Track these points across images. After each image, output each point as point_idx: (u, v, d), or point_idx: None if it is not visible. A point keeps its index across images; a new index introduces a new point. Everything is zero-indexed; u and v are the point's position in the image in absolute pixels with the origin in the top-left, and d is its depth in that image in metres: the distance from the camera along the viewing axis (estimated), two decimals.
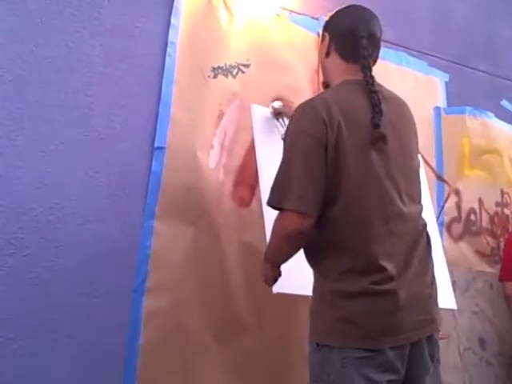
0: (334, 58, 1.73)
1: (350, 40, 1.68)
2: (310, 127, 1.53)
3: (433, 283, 1.65)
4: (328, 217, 1.54)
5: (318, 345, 1.55)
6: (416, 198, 1.68)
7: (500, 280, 2.89)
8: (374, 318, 1.49)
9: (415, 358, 1.55)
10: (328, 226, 1.55)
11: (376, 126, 1.55)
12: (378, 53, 1.74)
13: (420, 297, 1.58)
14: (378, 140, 1.56)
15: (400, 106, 1.74)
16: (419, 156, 1.78)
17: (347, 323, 1.49)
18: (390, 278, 1.50)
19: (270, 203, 1.56)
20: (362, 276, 1.50)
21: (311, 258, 1.65)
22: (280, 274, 1.73)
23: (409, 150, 1.68)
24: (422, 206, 1.70)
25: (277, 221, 1.57)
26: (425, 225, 1.69)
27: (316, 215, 1.51)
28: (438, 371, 1.64)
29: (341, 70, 1.71)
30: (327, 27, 1.79)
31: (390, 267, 1.51)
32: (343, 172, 1.51)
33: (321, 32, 1.87)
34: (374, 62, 1.72)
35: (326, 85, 1.81)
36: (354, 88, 1.63)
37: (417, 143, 1.77)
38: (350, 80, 1.66)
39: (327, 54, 1.75)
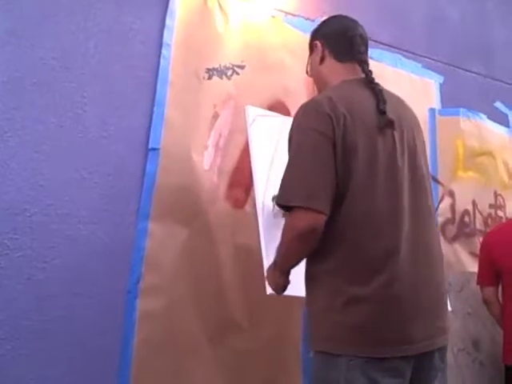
0: (330, 62, 1.75)
1: (344, 40, 1.72)
2: (315, 124, 1.50)
3: (445, 286, 1.63)
4: (337, 213, 1.49)
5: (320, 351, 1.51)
6: (424, 192, 1.64)
7: (478, 284, 2.89)
8: (385, 325, 1.45)
9: (424, 361, 1.51)
10: (336, 223, 1.49)
11: (382, 112, 1.55)
12: (367, 55, 1.76)
13: (433, 303, 1.55)
14: (386, 126, 1.55)
15: (402, 104, 1.75)
16: None
17: (354, 331, 1.45)
18: (400, 280, 1.47)
19: (279, 202, 1.52)
20: (370, 278, 1.46)
21: (316, 257, 1.57)
22: (289, 282, 1.67)
23: (413, 144, 1.65)
24: (431, 200, 1.68)
25: (287, 222, 1.53)
26: (434, 221, 1.67)
27: (328, 212, 1.46)
28: (445, 375, 1.61)
29: (338, 72, 1.71)
30: (317, 35, 1.81)
31: (399, 267, 1.48)
32: (353, 166, 1.49)
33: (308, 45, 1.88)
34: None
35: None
36: (354, 84, 1.65)
37: (423, 140, 1.76)
38: (348, 79, 1.67)
39: (322, 60, 1.77)
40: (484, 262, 2.86)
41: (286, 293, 1.79)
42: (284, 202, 1.51)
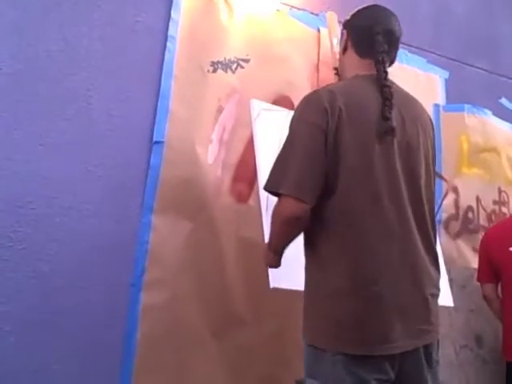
0: (350, 54, 1.75)
1: (367, 36, 1.70)
2: (311, 116, 1.54)
3: (433, 289, 1.63)
4: (326, 206, 1.52)
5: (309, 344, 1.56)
6: (417, 198, 1.63)
7: (478, 281, 2.89)
8: (367, 324, 1.47)
9: (406, 361, 1.53)
10: (325, 218, 1.53)
11: (385, 118, 1.55)
12: (395, 52, 1.75)
13: (418, 305, 1.56)
14: (386, 133, 1.55)
15: (412, 105, 1.74)
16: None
17: (339, 327, 1.48)
18: (384, 278, 1.49)
19: (267, 187, 1.56)
20: (354, 275, 1.49)
21: (308, 252, 1.63)
22: (280, 262, 1.70)
23: (416, 149, 1.64)
24: (424, 204, 1.65)
25: (274, 208, 1.56)
26: (430, 223, 1.66)
27: (313, 201, 1.50)
28: (437, 372, 1.62)
29: (355, 65, 1.72)
30: (346, 25, 1.81)
31: (384, 266, 1.50)
32: (341, 160, 1.51)
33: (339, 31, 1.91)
34: (392, 62, 1.73)
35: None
36: (364, 81, 1.64)
37: (431, 146, 1.75)
38: (361, 74, 1.67)
39: (344, 51, 1.78)
40: (483, 259, 2.87)
41: (290, 287, 1.80)
42: (272, 189, 1.55)
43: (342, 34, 1.83)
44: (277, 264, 1.70)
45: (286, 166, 1.51)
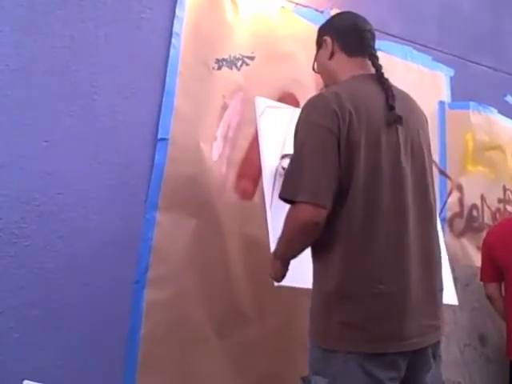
0: (340, 57, 1.73)
1: (355, 34, 1.72)
2: (321, 119, 1.51)
3: (441, 284, 1.64)
4: (339, 211, 1.51)
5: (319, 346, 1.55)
6: (425, 192, 1.64)
7: (481, 280, 2.88)
8: (379, 322, 1.47)
9: (418, 358, 1.54)
10: (336, 221, 1.52)
11: (391, 107, 1.56)
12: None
13: (427, 301, 1.56)
14: (395, 122, 1.56)
15: (410, 101, 1.74)
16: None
17: (351, 328, 1.47)
18: (397, 279, 1.50)
19: (283, 196, 1.54)
20: (367, 275, 1.49)
21: (316, 253, 1.62)
22: (287, 271, 1.70)
23: (419, 144, 1.65)
24: (431, 201, 1.67)
25: (289, 214, 1.54)
26: (435, 220, 1.67)
27: (330, 206, 1.48)
28: (439, 367, 1.63)
29: (348, 67, 1.71)
30: (327, 31, 1.79)
31: (397, 266, 1.50)
32: (355, 162, 1.50)
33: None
34: None
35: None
36: (363, 80, 1.64)
37: (428, 143, 1.75)
38: (358, 75, 1.66)
39: (331, 56, 1.75)
40: (486, 258, 2.85)
41: (293, 284, 1.80)
42: (289, 197, 1.53)
43: (323, 40, 1.77)
44: (284, 272, 1.69)
45: (300, 172, 1.50)
